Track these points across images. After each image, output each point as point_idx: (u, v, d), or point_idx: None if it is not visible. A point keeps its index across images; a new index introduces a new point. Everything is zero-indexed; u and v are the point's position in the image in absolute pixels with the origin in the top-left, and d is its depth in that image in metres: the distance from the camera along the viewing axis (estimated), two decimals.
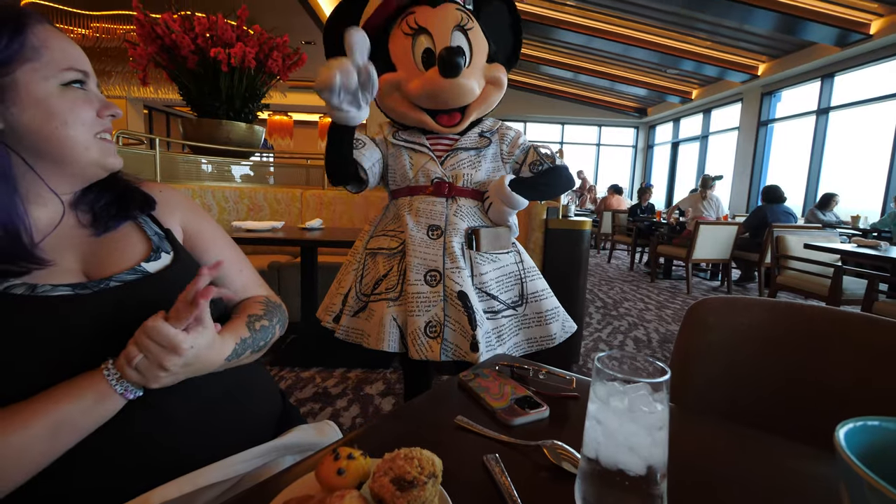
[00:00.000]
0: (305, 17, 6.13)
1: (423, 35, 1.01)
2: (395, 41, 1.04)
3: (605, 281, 4.92)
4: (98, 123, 0.53)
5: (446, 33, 1.00)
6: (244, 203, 2.87)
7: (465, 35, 1.02)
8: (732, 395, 0.70)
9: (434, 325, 1.01)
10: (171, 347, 0.44)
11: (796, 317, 0.69)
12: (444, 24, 1.00)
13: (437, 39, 1.00)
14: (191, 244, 0.64)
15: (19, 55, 0.46)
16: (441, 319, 1.01)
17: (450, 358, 1.02)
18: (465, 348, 0.99)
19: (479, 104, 1.06)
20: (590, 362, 2.47)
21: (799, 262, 3.04)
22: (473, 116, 1.07)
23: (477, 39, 1.04)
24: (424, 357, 1.00)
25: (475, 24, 1.03)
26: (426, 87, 0.99)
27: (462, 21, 1.01)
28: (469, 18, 1.02)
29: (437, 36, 1.00)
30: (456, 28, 1.00)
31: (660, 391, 0.35)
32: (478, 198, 1.10)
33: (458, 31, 1.01)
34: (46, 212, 0.52)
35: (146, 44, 2.88)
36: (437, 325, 1.01)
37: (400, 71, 1.05)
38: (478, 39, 1.04)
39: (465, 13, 1.02)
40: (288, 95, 4.25)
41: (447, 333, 1.02)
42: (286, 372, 2.11)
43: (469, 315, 0.99)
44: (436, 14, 1.00)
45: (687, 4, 5.07)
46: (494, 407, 0.55)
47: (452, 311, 1.01)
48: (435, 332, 1.01)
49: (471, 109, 1.06)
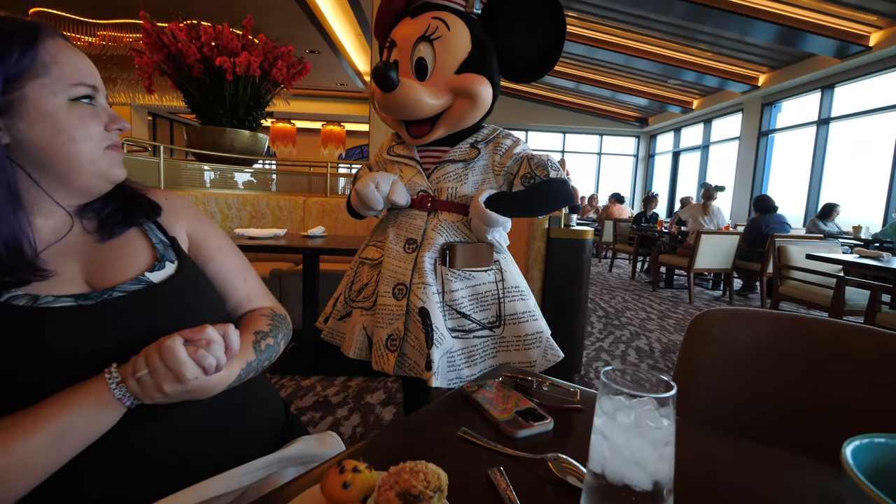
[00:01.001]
0: (310, 27, 6.20)
1: (394, 48, 1.01)
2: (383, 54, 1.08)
3: (606, 290, 4.91)
4: (106, 137, 0.53)
5: (408, 45, 0.98)
6: (247, 210, 2.88)
7: (430, 45, 0.97)
8: (737, 407, 0.70)
9: (394, 339, 1.01)
10: (176, 373, 0.44)
11: (799, 329, 0.69)
12: (407, 37, 0.98)
13: (400, 51, 0.99)
14: (196, 252, 0.64)
15: (29, 70, 0.47)
16: (401, 334, 1.00)
17: (405, 373, 1.01)
18: (422, 366, 0.97)
19: (447, 118, 1.01)
20: (591, 372, 2.46)
21: (801, 272, 3.04)
22: (442, 130, 1.02)
23: (445, 48, 0.96)
24: (381, 368, 1.01)
25: (449, 32, 0.96)
26: (376, 100, 1.00)
27: (428, 31, 0.96)
28: (441, 25, 0.95)
29: (400, 48, 0.99)
30: (421, 39, 0.97)
31: (666, 406, 0.35)
32: (463, 212, 1.06)
33: (423, 42, 0.97)
34: (51, 222, 0.53)
35: (152, 52, 2.92)
36: (398, 338, 1.00)
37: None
38: (446, 48, 0.96)
39: (439, 20, 0.96)
40: (291, 103, 4.28)
41: (405, 348, 1.01)
42: (287, 380, 2.11)
43: (427, 332, 0.96)
44: (409, 25, 0.99)
45: (687, 16, 5.12)
46: (498, 419, 0.55)
47: (413, 327, 1.00)
48: (394, 346, 1.00)
49: (439, 122, 1.01)
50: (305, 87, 9.31)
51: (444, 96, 0.98)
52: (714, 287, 5.31)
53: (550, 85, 9.03)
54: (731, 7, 4.85)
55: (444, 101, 0.99)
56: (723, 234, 4.39)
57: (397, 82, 0.93)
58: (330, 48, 7.11)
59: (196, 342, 0.46)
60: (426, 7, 0.99)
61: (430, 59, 0.98)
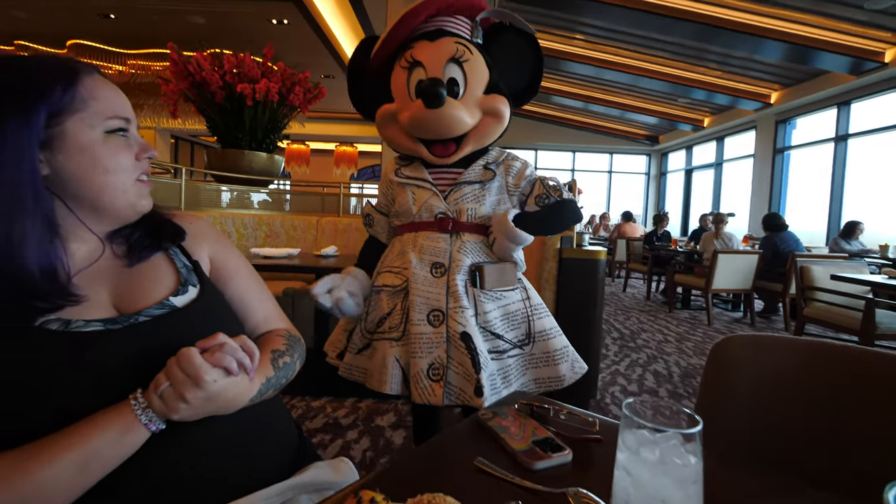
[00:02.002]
0: (326, 54, 6.41)
1: (418, 68, 1.02)
2: (395, 74, 1.07)
3: (621, 310, 4.83)
4: (137, 167, 0.55)
5: (439, 65, 1.00)
6: (262, 230, 2.93)
7: (459, 66, 1.01)
8: (764, 439, 0.67)
9: (437, 368, 0.98)
10: (194, 378, 0.45)
11: (827, 357, 0.66)
12: (438, 56, 1.00)
13: (430, 71, 1.01)
14: (216, 275, 0.66)
15: (70, 107, 0.49)
16: (444, 361, 0.98)
17: (453, 402, 0.98)
18: (469, 392, 0.95)
19: (474, 135, 1.04)
20: (608, 397, 2.40)
21: (826, 293, 2.94)
22: (469, 148, 1.05)
23: (473, 70, 1.02)
24: (427, 401, 0.97)
25: (473, 56, 1.02)
26: (413, 117, 1.01)
27: (457, 53, 1.00)
28: (466, 50, 1.01)
29: (430, 68, 1.01)
30: (450, 60, 1.00)
31: (692, 442, 0.33)
32: (483, 233, 1.07)
33: (453, 63, 1.01)
34: (85, 247, 0.54)
35: (178, 80, 3.04)
36: (440, 367, 0.98)
37: (396, 102, 1.07)
38: (474, 70, 1.02)
39: (462, 45, 1.01)
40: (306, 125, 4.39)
41: (450, 376, 0.98)
42: (297, 400, 2.10)
43: (473, 357, 0.95)
44: (432, 48, 1.01)
45: (695, 36, 5.15)
46: (515, 449, 0.53)
47: (456, 353, 0.98)
48: (438, 375, 0.97)
49: (466, 141, 1.04)
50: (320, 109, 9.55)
51: (475, 115, 1.04)
52: (734, 308, 5.18)
53: (559, 105, 9.11)
54: (739, 27, 4.85)
55: (475, 120, 1.04)
56: (740, 253, 4.31)
57: (445, 99, 0.97)
58: (344, 73, 7.31)
59: (212, 348, 0.48)
60: (441, 33, 1.03)
61: (461, 80, 1.02)
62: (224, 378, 0.47)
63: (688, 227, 9.95)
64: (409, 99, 1.04)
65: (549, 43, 6.21)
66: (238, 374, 0.49)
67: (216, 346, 0.48)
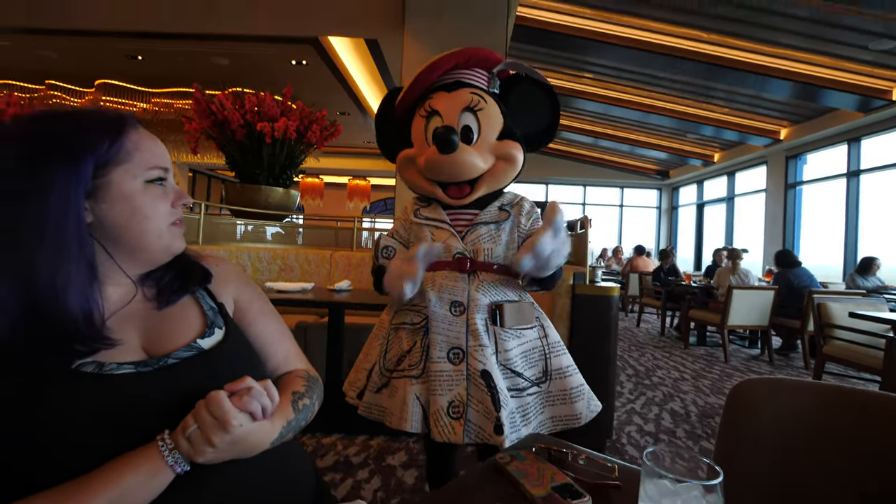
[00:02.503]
0: (342, 92, 6.67)
1: (435, 116, 1.09)
2: (414, 122, 1.14)
3: (635, 346, 4.73)
4: (172, 214, 0.58)
5: (454, 114, 1.07)
6: (277, 263, 2.97)
7: (474, 115, 1.08)
8: (784, 484, 0.65)
9: (457, 406, 0.98)
10: (222, 421, 0.46)
11: (848, 402, 0.65)
12: (454, 106, 1.07)
13: (446, 119, 1.07)
14: (240, 316, 0.68)
15: (116, 158, 0.53)
16: (464, 399, 0.98)
17: (472, 440, 0.98)
18: (489, 430, 0.95)
19: (488, 178, 1.09)
20: (623, 437, 2.33)
21: (845, 332, 2.87)
22: (483, 190, 1.10)
23: (487, 118, 1.09)
24: (447, 439, 0.97)
25: (487, 105, 1.09)
26: (428, 161, 1.07)
27: (472, 102, 1.07)
28: (481, 100, 1.08)
29: (446, 116, 1.07)
30: (465, 109, 1.07)
31: (713, 493, 0.34)
32: (500, 272, 1.10)
33: (467, 112, 1.07)
34: (119, 290, 0.57)
35: (201, 119, 3.18)
36: (460, 404, 0.98)
37: (415, 147, 1.13)
38: (488, 118, 1.09)
39: (478, 96, 1.09)
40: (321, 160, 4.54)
41: (470, 414, 0.98)
42: (307, 438, 2.07)
43: (493, 395, 0.96)
44: (448, 98, 1.09)
45: (701, 74, 5.26)
46: (535, 495, 0.53)
47: (475, 391, 0.98)
48: (458, 413, 0.98)
49: (480, 183, 1.09)
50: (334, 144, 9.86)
51: (488, 160, 1.09)
52: (751, 345, 5.04)
53: (570, 140, 9.27)
54: (744, 66, 4.96)
55: (489, 165, 1.09)
56: (756, 289, 4.24)
57: (458, 145, 1.03)
58: (359, 110, 7.59)
59: (239, 392, 0.49)
60: (459, 84, 1.11)
61: (475, 128, 1.09)
62: (249, 423, 0.48)
63: (701, 262, 9.85)
64: (426, 144, 1.10)
65: (559, 81, 6.41)
66: (262, 419, 0.50)
67: (244, 389, 0.50)
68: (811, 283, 4.43)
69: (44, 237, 0.47)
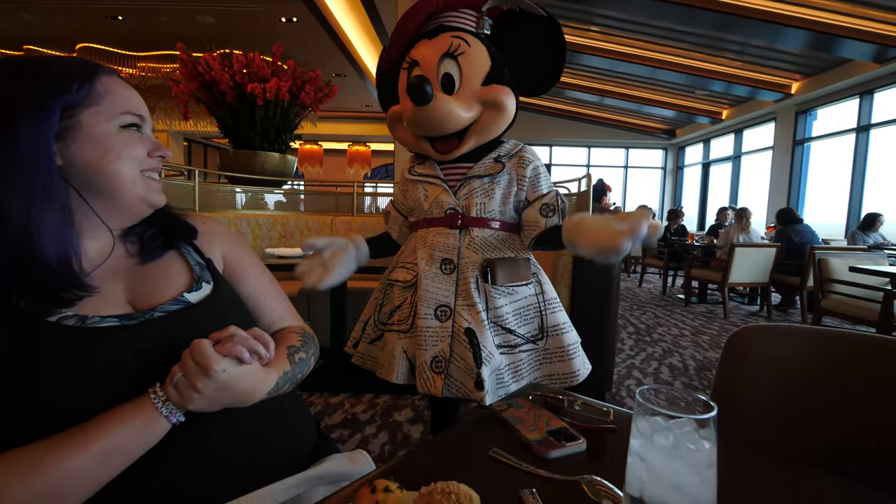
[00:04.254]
0: (337, 52, 6.43)
1: (415, 67, 1.03)
2: (400, 76, 1.08)
3: (636, 305, 4.78)
4: (147, 162, 0.56)
5: (433, 62, 1.00)
6: (277, 230, 2.96)
7: (454, 60, 1.00)
8: (780, 429, 0.66)
9: (440, 361, 1.00)
10: (204, 367, 0.46)
11: (845, 346, 0.65)
12: (432, 53, 1.01)
13: (423, 69, 1.01)
14: (230, 273, 0.67)
15: (85, 100, 0.51)
16: (447, 355, 1.00)
17: (453, 395, 1.00)
18: (470, 386, 0.97)
19: (476, 129, 1.03)
20: (623, 390, 2.38)
21: (844, 286, 2.88)
22: (472, 142, 1.05)
23: (470, 63, 1.00)
24: (428, 391, 0.99)
25: (470, 49, 1.00)
26: (407, 116, 1.02)
27: (451, 47, 1.00)
28: (462, 42, 1.00)
29: (424, 66, 1.01)
30: (445, 55, 1.00)
31: (707, 427, 0.33)
32: (493, 227, 1.07)
33: (447, 58, 1.00)
34: (97, 244, 0.56)
35: (188, 81, 3.08)
36: (443, 360, 1.00)
37: (402, 103, 1.08)
38: (471, 62, 1.00)
39: (459, 38, 1.00)
40: (318, 125, 4.42)
41: (452, 370, 1.00)
42: (315, 398, 2.13)
43: (475, 352, 0.97)
44: (427, 45, 1.02)
45: (714, 26, 5.03)
46: (530, 439, 0.54)
47: (458, 348, 0.99)
48: (440, 368, 0.99)
49: (468, 135, 1.03)
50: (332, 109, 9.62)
51: (473, 108, 1.01)
52: (750, 302, 5.08)
53: (574, 99, 9.01)
54: (760, 15, 4.73)
55: (474, 114, 1.02)
56: (757, 246, 4.22)
57: (432, 95, 0.95)
58: (356, 71, 7.35)
59: (223, 340, 0.50)
60: (441, 29, 1.03)
61: (455, 74, 1.01)
62: (235, 368, 0.49)
63: (705, 222, 9.78)
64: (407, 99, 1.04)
65: (564, 35, 6.14)
66: (250, 363, 0.50)
67: (227, 337, 0.50)
68: (813, 239, 4.44)
69: (15, 182, 0.46)
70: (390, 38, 1.05)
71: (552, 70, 1.08)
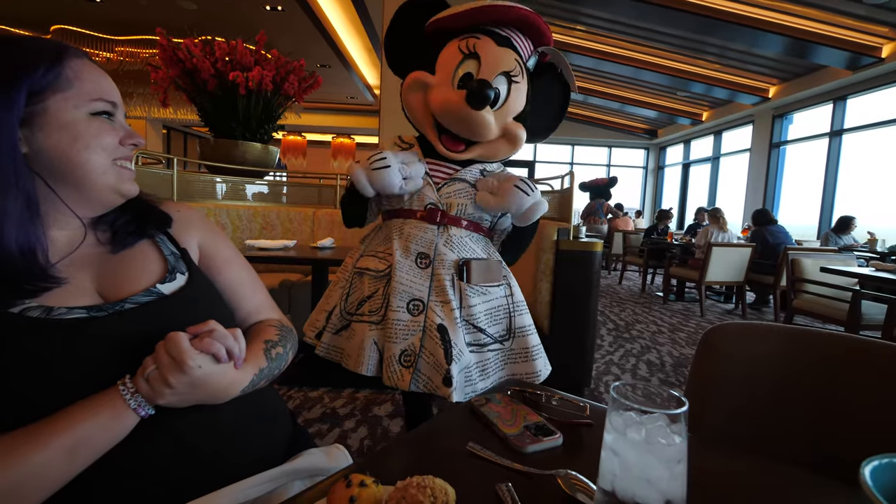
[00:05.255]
0: (322, 42, 6.33)
1: (473, 60, 1.02)
2: (447, 51, 1.05)
3: (616, 302, 4.86)
4: (118, 150, 0.54)
5: (494, 70, 1.01)
6: (258, 222, 2.91)
7: (508, 83, 1.04)
8: (751, 424, 0.68)
9: (409, 355, 0.99)
10: (179, 361, 0.45)
11: (815, 344, 0.67)
12: (497, 63, 1.02)
13: (483, 70, 1.01)
14: (206, 263, 0.65)
15: (53, 85, 0.49)
16: (416, 349, 1.00)
17: (420, 389, 1.00)
18: (437, 382, 0.97)
19: (487, 148, 1.07)
20: (601, 386, 2.43)
21: (816, 286, 2.98)
22: (476, 154, 1.08)
23: (516, 93, 1.05)
24: (395, 385, 0.99)
25: (522, 80, 1.05)
26: (447, 103, 1.01)
27: (513, 70, 1.03)
28: (520, 72, 1.04)
29: (485, 68, 1.01)
30: (503, 73, 1.02)
31: (678, 422, 0.34)
32: (470, 229, 1.09)
33: (503, 76, 1.03)
34: (66, 234, 0.54)
35: (168, 67, 2.99)
36: (412, 354, 0.99)
37: (436, 77, 1.05)
38: (517, 93, 1.05)
39: (519, 65, 1.04)
40: (302, 116, 4.35)
41: (420, 364, 1.00)
42: (294, 392, 2.10)
43: (446, 349, 0.97)
44: (495, 51, 1.02)
45: (695, 29, 5.13)
46: (507, 433, 0.54)
47: (429, 343, 0.99)
48: (409, 362, 0.99)
49: (477, 146, 1.06)
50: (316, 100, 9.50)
51: (500, 131, 1.07)
52: (726, 300, 5.23)
53: None
54: (739, 20, 4.84)
55: (495, 135, 1.06)
56: (734, 246, 4.34)
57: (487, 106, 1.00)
58: (341, 62, 7.25)
59: (202, 335, 0.48)
60: (509, 42, 1.04)
61: (503, 95, 1.04)
62: (211, 365, 0.47)
63: (684, 222, 9.99)
64: (451, 83, 1.03)
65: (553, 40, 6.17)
66: (226, 362, 0.49)
67: (206, 332, 0.49)
68: (786, 240, 4.59)
69: None
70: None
71: (548, 130, 1.20)
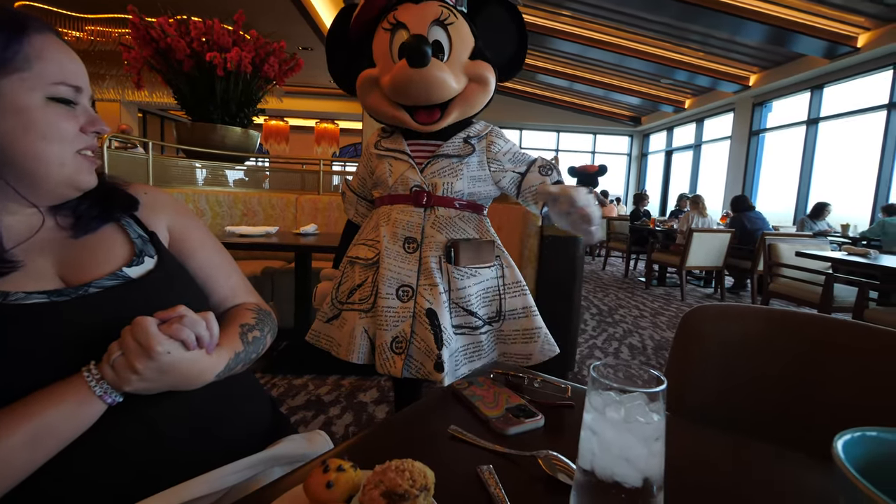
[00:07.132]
0: (303, 24, 6.15)
1: (401, 30, 0.99)
2: (376, 38, 1.03)
3: (600, 288, 4.93)
4: (80, 140, 0.51)
5: (423, 26, 0.97)
6: (238, 208, 2.85)
7: (444, 29, 0.98)
8: (729, 403, 0.70)
9: (400, 341, 0.99)
10: (146, 347, 0.43)
11: (790, 324, 0.69)
12: (422, 17, 0.98)
13: (413, 32, 0.97)
14: (177, 247, 0.63)
15: (10, 64, 0.45)
16: (407, 336, 0.99)
17: (413, 375, 1.00)
18: (429, 367, 0.97)
19: (460, 102, 1.02)
20: (585, 370, 2.47)
21: (791, 269, 3.07)
22: (455, 115, 1.02)
23: (458, 34, 1.00)
24: (388, 372, 0.99)
25: (458, 20, 1.00)
26: (396, 78, 0.96)
27: (442, 16, 0.98)
28: (451, 13, 0.99)
29: (414, 29, 0.97)
30: (434, 22, 0.98)
31: (656, 401, 0.34)
32: (458, 208, 1.06)
33: (437, 26, 0.98)
34: (22, 219, 0.50)
35: (141, 47, 2.87)
36: (404, 341, 0.98)
37: (378, 67, 1.03)
38: (459, 34, 1.00)
39: (447, 9, 0.99)
40: (284, 101, 4.24)
41: (412, 350, 0.99)
42: (278, 379, 2.09)
43: (436, 334, 0.96)
44: (416, 9, 0.99)
45: (679, 16, 5.15)
46: (488, 416, 0.54)
47: (420, 329, 0.98)
48: (400, 348, 0.98)
49: (451, 107, 1.01)
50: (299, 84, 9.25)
51: (461, 80, 1.01)
52: (706, 285, 5.36)
53: (544, 84, 9.04)
54: (722, 7, 4.88)
55: (461, 86, 1.01)
56: (714, 232, 4.43)
57: (430, 58, 0.92)
58: (323, 45, 7.07)
59: (171, 320, 0.46)
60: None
61: (445, 43, 0.99)
62: (180, 351, 0.46)
63: (666, 208, 10.14)
64: (392, 61, 0.99)
65: (536, 18, 6.12)
66: (195, 349, 0.47)
67: (175, 317, 0.46)
68: (764, 226, 4.71)
69: None
70: None
71: (513, 60, 1.10)
